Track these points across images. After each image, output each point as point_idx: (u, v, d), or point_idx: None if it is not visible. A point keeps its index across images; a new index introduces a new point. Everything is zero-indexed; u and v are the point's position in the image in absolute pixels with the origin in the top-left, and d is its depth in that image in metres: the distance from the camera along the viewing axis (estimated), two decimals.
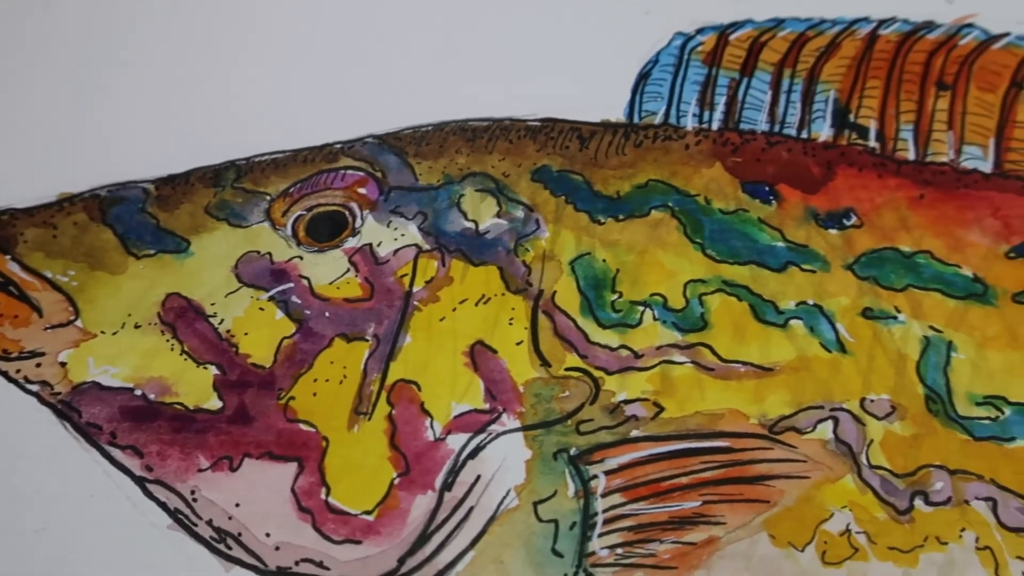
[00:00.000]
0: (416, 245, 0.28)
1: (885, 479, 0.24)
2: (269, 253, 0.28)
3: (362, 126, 0.30)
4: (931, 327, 0.26)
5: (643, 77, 0.30)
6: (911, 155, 0.28)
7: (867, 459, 0.24)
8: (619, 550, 0.25)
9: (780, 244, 0.27)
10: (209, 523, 0.26)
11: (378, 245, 0.28)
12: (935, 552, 0.23)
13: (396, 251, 0.28)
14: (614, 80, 0.30)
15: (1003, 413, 0.24)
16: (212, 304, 0.27)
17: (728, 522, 0.24)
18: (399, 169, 0.29)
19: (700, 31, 0.30)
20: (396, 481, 0.25)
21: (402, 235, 0.28)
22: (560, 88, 0.30)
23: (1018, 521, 0.23)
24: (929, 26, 0.29)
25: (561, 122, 0.30)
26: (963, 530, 0.24)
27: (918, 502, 0.24)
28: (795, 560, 0.24)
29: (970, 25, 0.28)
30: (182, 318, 0.27)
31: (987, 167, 0.27)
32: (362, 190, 0.29)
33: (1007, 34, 0.28)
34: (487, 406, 0.26)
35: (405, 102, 0.30)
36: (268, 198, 0.28)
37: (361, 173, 0.29)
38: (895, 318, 0.26)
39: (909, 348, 0.25)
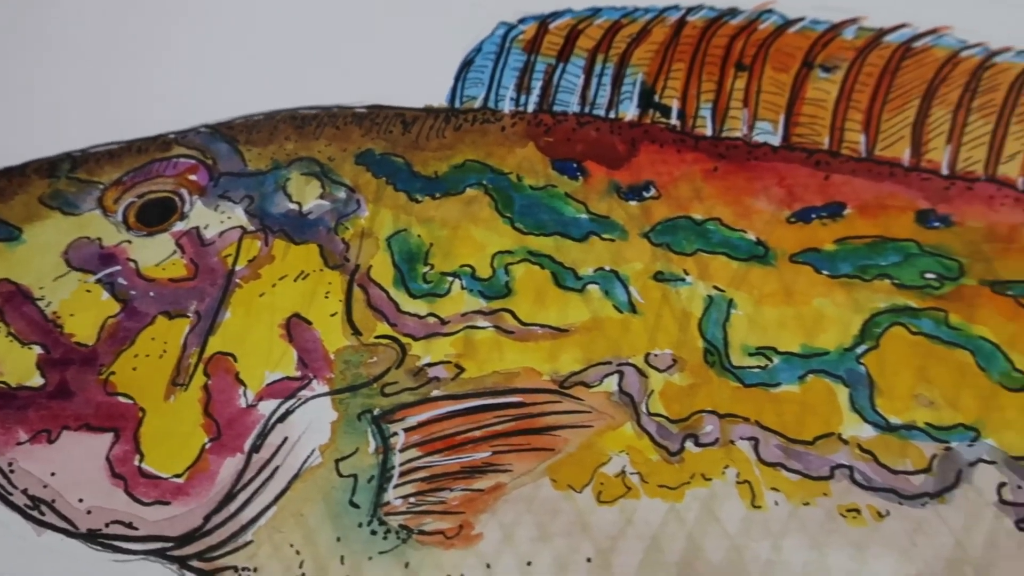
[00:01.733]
0: (241, 227, 0.39)
1: (661, 425, 0.35)
2: (99, 239, 0.39)
3: (197, 117, 0.42)
4: (715, 287, 0.37)
5: (466, 65, 0.42)
6: (708, 131, 0.39)
7: (647, 408, 0.35)
8: (412, 499, 0.35)
9: (583, 216, 0.38)
10: (24, 492, 0.36)
11: (205, 228, 0.39)
12: (700, 487, 0.34)
13: (222, 233, 0.39)
14: (443, 69, 0.42)
15: (772, 362, 0.35)
16: (40, 288, 0.38)
17: (515, 469, 0.35)
18: (229, 156, 0.41)
19: (522, 20, 0.42)
20: (207, 446, 0.36)
21: (229, 218, 0.39)
22: (391, 78, 0.42)
23: (776, 457, 0.34)
24: (733, 12, 0.41)
25: (387, 108, 0.42)
26: (727, 467, 0.34)
27: (689, 444, 0.35)
28: (573, 501, 0.34)
29: (770, 11, 0.40)
30: (9, 302, 0.38)
31: (776, 140, 0.39)
32: (192, 177, 0.40)
33: (803, 19, 0.40)
34: (299, 374, 0.37)
35: (239, 94, 0.42)
36: (101, 187, 0.40)
37: (192, 161, 0.40)
38: (683, 280, 0.37)
39: (693, 307, 0.36)
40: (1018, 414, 0.33)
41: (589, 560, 0.33)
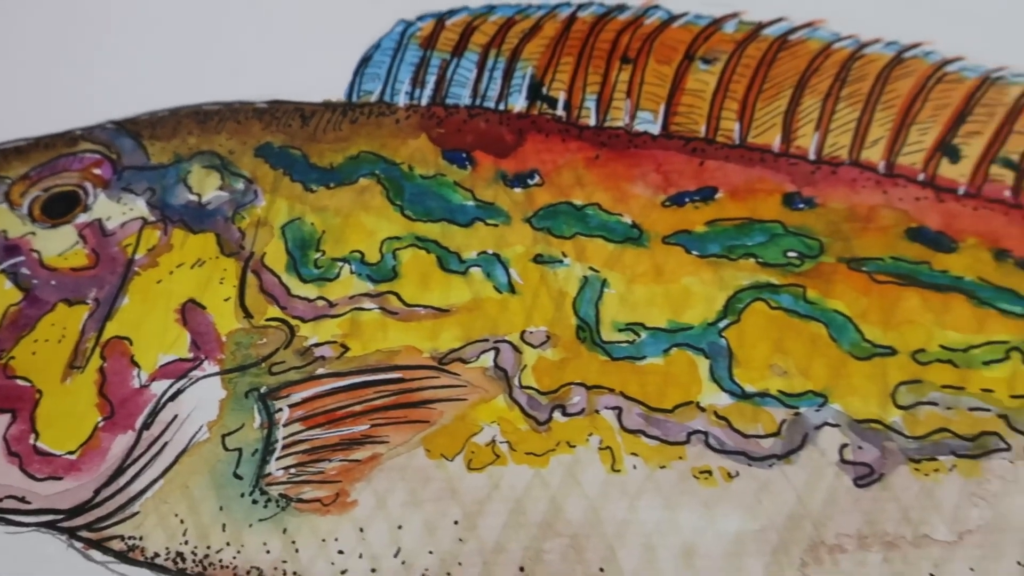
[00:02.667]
0: (143, 218, 0.47)
1: (532, 397, 0.43)
2: (4, 231, 0.47)
3: (103, 114, 0.51)
4: (591, 268, 0.45)
5: (364, 61, 0.50)
6: (592, 121, 0.48)
7: (519, 381, 0.43)
8: (293, 470, 0.43)
9: (470, 203, 0.47)
10: None
11: (107, 219, 0.47)
12: (564, 454, 0.42)
13: (123, 224, 0.47)
14: (345, 66, 0.51)
15: (639, 337, 0.43)
16: None
17: (391, 441, 0.43)
18: (133, 151, 0.49)
19: (421, 18, 0.50)
20: (100, 424, 0.44)
21: (131, 209, 0.48)
22: (294, 75, 0.51)
23: (637, 424, 0.42)
24: (621, 8, 0.49)
25: (287, 104, 0.50)
26: (591, 435, 0.42)
27: (556, 414, 0.42)
28: (445, 469, 0.42)
29: (656, 6, 0.49)
30: None
31: (656, 129, 0.47)
32: (97, 171, 0.49)
33: (686, 13, 0.49)
34: (191, 355, 0.45)
35: (145, 91, 0.51)
36: (8, 181, 0.48)
37: (97, 155, 0.49)
38: (561, 262, 0.45)
39: (569, 287, 0.45)
40: (863, 381, 0.41)
41: (456, 523, 0.41)
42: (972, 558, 0.38)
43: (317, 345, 0.44)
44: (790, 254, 0.43)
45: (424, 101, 0.49)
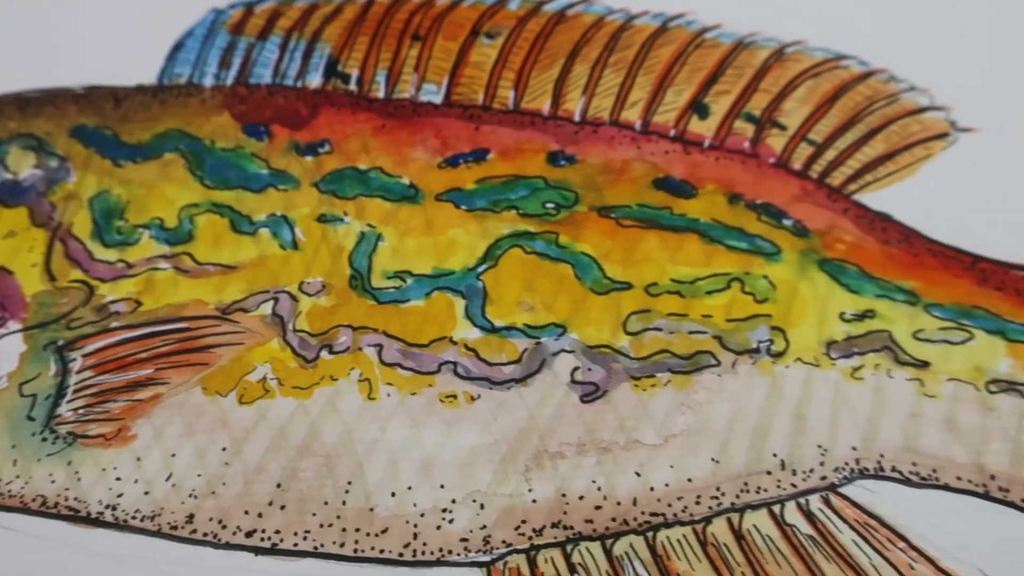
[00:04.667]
0: None
1: (303, 339, 0.59)
2: None
3: None
4: (368, 224, 0.62)
5: (177, 47, 0.68)
6: (382, 94, 0.65)
7: (293, 326, 0.60)
8: (81, 411, 0.60)
9: (264, 171, 0.64)
10: None
11: None
12: (327, 387, 0.58)
13: None
14: (162, 53, 0.68)
15: (405, 283, 0.60)
16: None
17: (172, 382, 0.60)
18: None
19: (232, 6, 0.69)
20: None
21: None
22: (114, 62, 0.69)
23: (395, 358, 0.58)
24: None
25: (102, 88, 0.68)
26: (352, 369, 0.58)
27: (324, 353, 0.59)
28: (218, 403, 0.59)
29: None
30: None
31: (439, 99, 0.65)
32: None
33: None
34: None
35: None
36: None
37: None
38: (342, 220, 0.62)
39: (347, 242, 0.61)
40: (600, 312, 0.57)
41: (224, 449, 0.56)
42: (673, 457, 0.53)
43: (113, 302, 0.60)
44: (548, 205, 0.60)
45: (230, 82, 0.66)
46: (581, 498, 0.52)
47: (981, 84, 0.61)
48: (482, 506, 0.52)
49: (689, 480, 0.52)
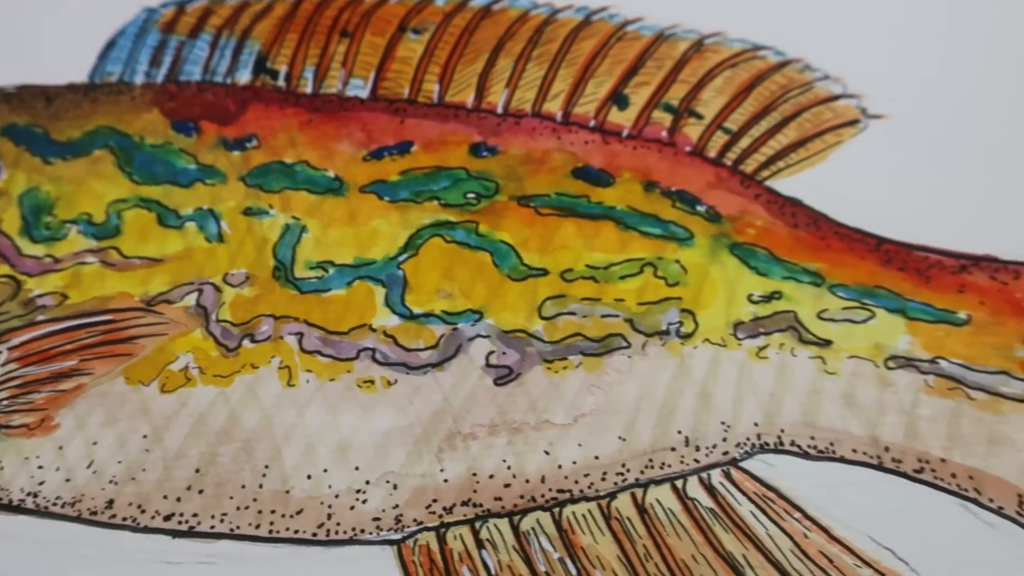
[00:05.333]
0: None
1: (226, 328, 0.65)
2: None
3: None
4: (293, 216, 0.67)
5: (110, 45, 0.74)
6: (309, 89, 0.71)
7: (216, 316, 0.65)
8: (5, 402, 0.65)
9: (192, 166, 0.69)
10: None
11: None
12: (248, 374, 0.63)
13: None
14: (95, 52, 0.74)
15: (327, 272, 0.65)
16: None
17: (96, 372, 0.65)
18: None
19: (164, 5, 0.74)
20: None
21: None
22: (47, 63, 0.75)
23: (315, 346, 0.63)
24: None
25: (33, 87, 0.74)
26: (273, 357, 0.64)
27: (246, 342, 0.64)
28: (140, 393, 0.64)
29: None
30: None
31: (365, 94, 0.70)
32: None
33: None
34: None
35: None
36: None
37: None
38: (268, 213, 0.67)
39: (272, 234, 0.67)
40: (516, 298, 0.62)
41: (145, 436, 0.62)
42: (581, 436, 0.58)
43: (40, 296, 0.66)
44: (469, 195, 0.65)
45: (160, 80, 0.72)
46: (491, 477, 0.57)
47: (892, 72, 0.66)
48: (395, 486, 0.58)
49: (596, 458, 0.57)
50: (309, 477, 0.57)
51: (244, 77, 0.69)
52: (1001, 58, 0.66)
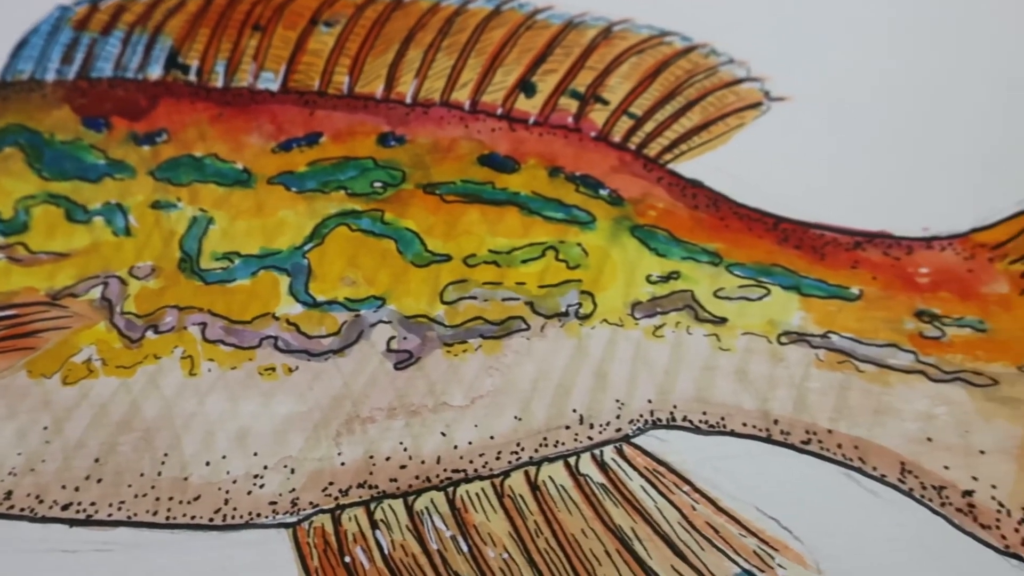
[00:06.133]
0: None
1: (130, 320, 0.70)
2: None
3: None
4: (201, 209, 0.73)
5: (22, 44, 0.80)
6: (220, 83, 0.77)
7: (121, 308, 0.71)
8: None
9: (101, 162, 0.75)
10: None
11: None
12: (150, 365, 0.68)
13: None
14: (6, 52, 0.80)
15: (233, 263, 0.71)
16: None
17: None
18: None
19: (78, 3, 0.80)
20: None
21: None
22: None
23: (218, 335, 0.68)
24: None
25: None
26: (176, 347, 0.69)
27: (149, 333, 0.70)
28: (42, 385, 0.69)
29: None
30: None
31: (276, 87, 0.76)
32: None
33: None
34: None
35: None
36: None
37: None
38: (176, 206, 0.73)
39: (179, 227, 0.72)
40: (418, 284, 0.67)
41: (45, 428, 0.67)
42: (478, 417, 0.63)
43: None
44: (376, 184, 0.70)
45: (72, 77, 0.77)
46: (388, 459, 0.62)
47: (796, 55, 0.71)
48: (292, 471, 0.62)
49: (491, 438, 0.62)
50: (208, 464, 0.62)
51: (156, 73, 0.74)
52: (897, 43, 0.72)
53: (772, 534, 0.57)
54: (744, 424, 0.60)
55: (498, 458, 0.60)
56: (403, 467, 0.60)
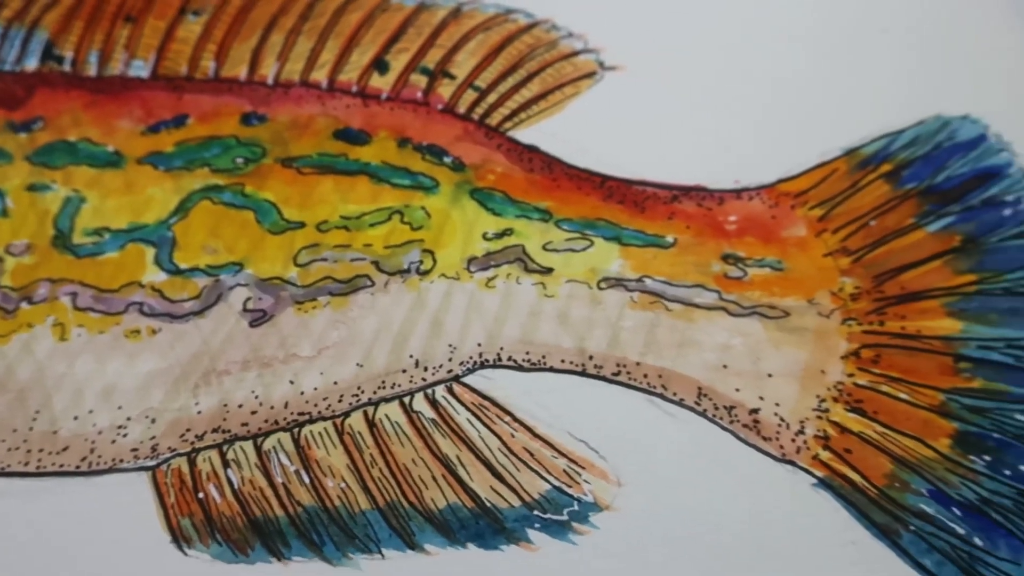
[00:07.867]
0: None
1: (6, 293, 0.87)
2: None
3: None
4: (74, 190, 0.91)
5: None
6: (94, 73, 0.95)
7: None
8: None
9: None
10: None
11: None
12: (24, 333, 0.85)
13: None
14: None
15: (103, 238, 0.89)
16: None
17: None
18: None
19: None
20: None
21: None
22: None
23: (87, 303, 0.86)
24: None
25: None
26: (48, 316, 0.87)
27: (23, 304, 0.88)
28: None
29: None
30: None
31: (146, 74, 0.95)
32: None
33: None
34: None
35: None
36: None
37: None
38: (51, 188, 0.91)
39: (54, 207, 0.90)
40: (274, 250, 0.84)
41: None
42: (324, 366, 0.80)
43: None
44: (238, 160, 0.89)
45: None
46: (240, 406, 0.79)
47: (630, 27, 0.90)
48: (153, 420, 0.80)
49: (335, 383, 0.79)
50: (76, 418, 0.78)
51: (32, 64, 0.93)
52: (711, 17, 0.91)
53: (581, 455, 0.75)
54: (563, 361, 0.77)
55: (340, 400, 0.77)
56: (254, 412, 0.77)
